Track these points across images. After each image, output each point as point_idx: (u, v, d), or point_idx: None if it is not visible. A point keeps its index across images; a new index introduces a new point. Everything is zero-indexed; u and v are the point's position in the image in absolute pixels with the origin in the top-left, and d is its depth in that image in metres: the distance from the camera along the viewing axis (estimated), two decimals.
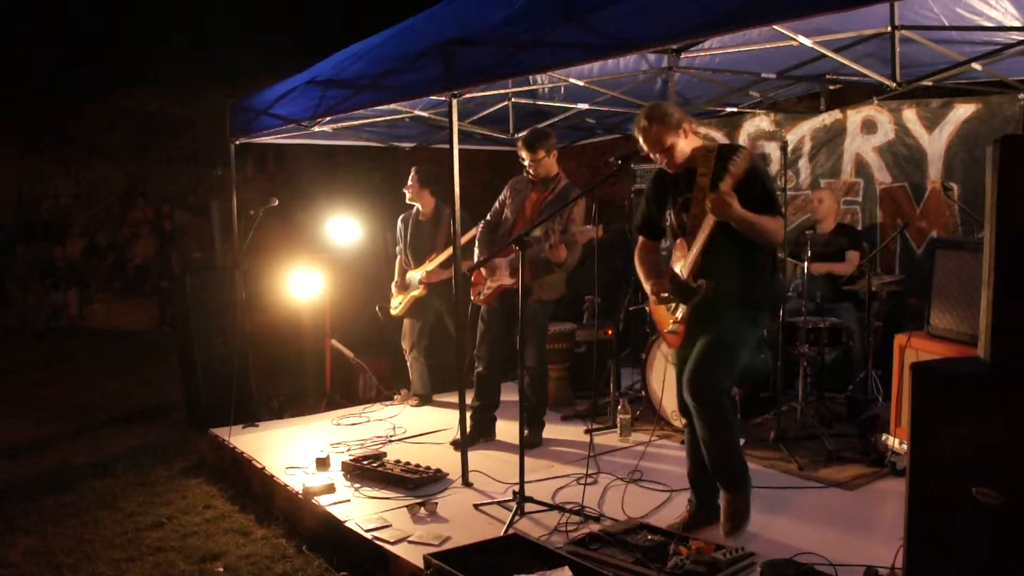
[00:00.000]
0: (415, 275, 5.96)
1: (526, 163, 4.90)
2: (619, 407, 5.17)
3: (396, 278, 6.10)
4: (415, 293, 5.93)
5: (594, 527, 3.60)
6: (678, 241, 3.55)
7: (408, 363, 6.18)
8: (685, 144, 3.44)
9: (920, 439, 2.38)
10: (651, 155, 3.49)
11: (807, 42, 4.49)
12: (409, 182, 5.92)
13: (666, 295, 3.58)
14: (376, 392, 6.46)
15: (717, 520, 3.61)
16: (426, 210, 5.99)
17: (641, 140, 3.47)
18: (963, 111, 5.47)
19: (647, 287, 3.71)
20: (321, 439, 5.29)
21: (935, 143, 5.59)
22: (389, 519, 3.86)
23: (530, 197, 4.98)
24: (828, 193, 5.73)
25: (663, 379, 5.26)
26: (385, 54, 4.71)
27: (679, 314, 3.53)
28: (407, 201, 5.98)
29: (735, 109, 6.53)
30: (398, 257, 6.17)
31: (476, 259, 5.06)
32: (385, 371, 6.61)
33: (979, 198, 2.89)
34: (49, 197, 15.84)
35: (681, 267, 3.49)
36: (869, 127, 5.92)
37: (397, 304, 6.08)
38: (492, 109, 6.39)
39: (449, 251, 5.25)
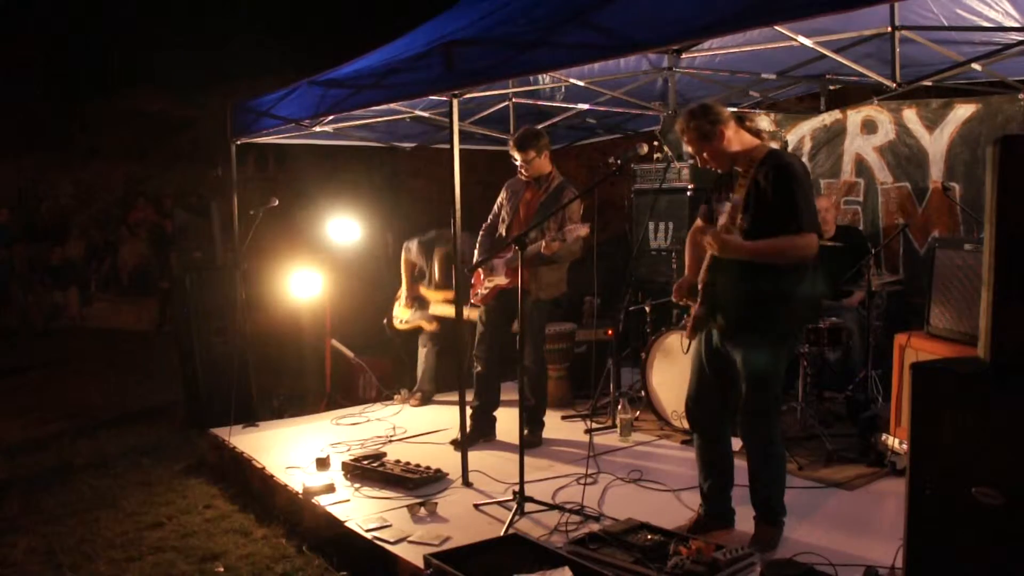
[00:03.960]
0: (428, 299, 5.95)
1: (518, 163, 4.90)
2: (619, 407, 5.17)
3: (405, 290, 6.07)
4: (423, 323, 5.96)
5: (594, 527, 3.60)
6: None
7: (421, 354, 6.18)
8: (727, 148, 3.30)
9: (920, 439, 2.38)
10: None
11: (807, 42, 4.49)
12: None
13: (691, 292, 3.55)
14: (376, 392, 6.45)
15: (726, 527, 3.60)
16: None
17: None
18: (963, 111, 5.47)
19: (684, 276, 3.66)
20: (321, 439, 5.29)
21: (936, 143, 5.59)
22: (389, 519, 3.86)
23: (524, 197, 4.98)
24: (825, 200, 5.68)
25: (663, 379, 5.26)
26: (387, 54, 4.71)
27: (692, 312, 3.52)
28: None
29: (735, 109, 6.52)
30: (404, 255, 6.13)
31: (475, 261, 5.07)
32: (385, 371, 6.61)
33: (980, 198, 2.88)
34: (49, 197, 15.82)
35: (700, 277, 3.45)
36: (869, 127, 5.92)
37: (405, 319, 6.09)
38: (492, 109, 6.39)
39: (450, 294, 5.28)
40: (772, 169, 3.21)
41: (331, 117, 5.46)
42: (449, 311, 5.79)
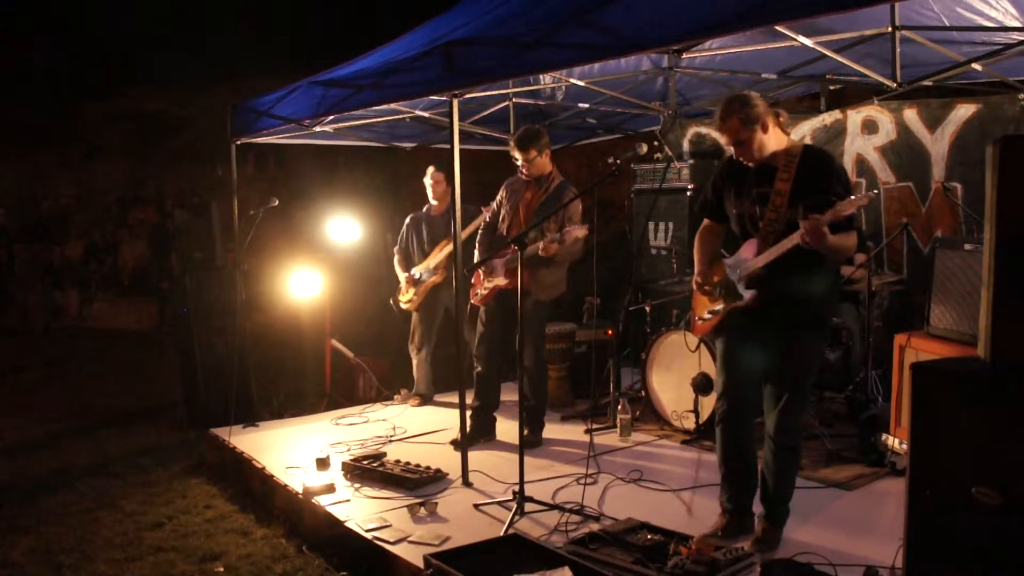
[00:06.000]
0: (424, 269, 5.94)
1: (519, 163, 4.89)
2: (619, 407, 5.17)
3: (403, 278, 6.08)
4: (433, 279, 5.91)
5: (594, 527, 3.60)
6: (749, 240, 3.40)
7: (415, 362, 6.18)
8: (766, 139, 3.28)
9: (920, 439, 2.38)
10: (726, 147, 3.40)
11: (807, 42, 4.49)
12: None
13: (708, 288, 3.52)
14: (376, 392, 6.46)
15: (752, 531, 3.55)
16: (440, 207, 5.97)
17: (718, 130, 3.42)
18: (964, 111, 5.47)
19: (696, 272, 3.61)
20: (321, 439, 5.29)
21: (937, 143, 5.59)
22: (389, 519, 3.86)
23: (524, 197, 4.97)
24: None
25: (663, 379, 5.26)
26: (387, 54, 4.71)
27: (718, 307, 3.48)
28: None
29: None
30: (396, 257, 6.17)
31: (475, 260, 5.06)
32: (385, 371, 6.61)
33: (981, 198, 2.87)
34: (49, 197, 15.82)
35: (742, 270, 3.39)
36: (870, 127, 5.92)
37: (410, 297, 6.07)
38: (493, 109, 6.40)
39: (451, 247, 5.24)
40: (822, 163, 3.24)
41: (331, 117, 5.47)
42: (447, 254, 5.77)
